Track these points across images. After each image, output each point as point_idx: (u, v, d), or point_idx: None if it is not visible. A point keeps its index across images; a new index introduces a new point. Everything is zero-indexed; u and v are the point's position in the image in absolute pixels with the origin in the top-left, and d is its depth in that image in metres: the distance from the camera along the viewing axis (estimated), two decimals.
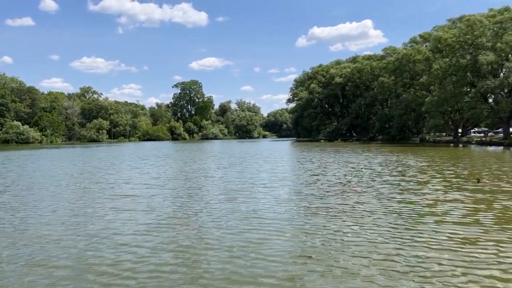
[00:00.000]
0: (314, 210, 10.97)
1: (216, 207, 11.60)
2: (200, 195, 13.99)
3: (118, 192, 14.63)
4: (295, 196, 13.29)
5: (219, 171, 22.59)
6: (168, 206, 11.91)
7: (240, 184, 16.38)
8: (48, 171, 23.85)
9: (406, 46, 70.21)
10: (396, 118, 71.43)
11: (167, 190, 15.22)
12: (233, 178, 18.68)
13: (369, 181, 16.55)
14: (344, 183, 16.26)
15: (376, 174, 19.36)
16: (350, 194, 13.43)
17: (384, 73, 76.54)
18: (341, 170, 21.57)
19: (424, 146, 52.74)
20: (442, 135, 78.33)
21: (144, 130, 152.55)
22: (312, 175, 19.25)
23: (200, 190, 15.12)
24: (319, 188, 14.98)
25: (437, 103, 52.37)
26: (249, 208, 11.29)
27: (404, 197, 12.63)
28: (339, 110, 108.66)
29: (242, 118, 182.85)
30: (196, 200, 12.86)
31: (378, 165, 24.46)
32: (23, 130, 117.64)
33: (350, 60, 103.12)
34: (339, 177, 18.09)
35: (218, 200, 12.80)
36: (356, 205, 11.39)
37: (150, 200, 12.97)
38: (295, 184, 16.25)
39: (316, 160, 29.30)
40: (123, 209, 11.47)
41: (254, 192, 14.27)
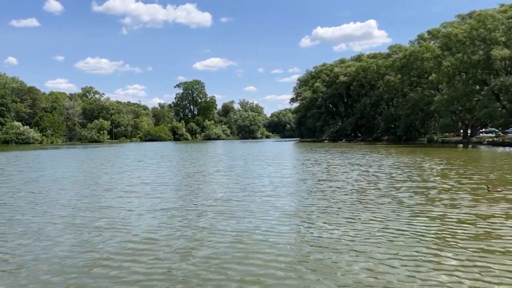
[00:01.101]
0: (329, 230, 8.90)
1: (203, 224, 9.56)
2: (187, 207, 11.94)
3: (95, 206, 12.64)
4: (303, 210, 11.17)
5: (217, 176, 20.56)
6: (142, 226, 9.86)
7: (238, 192, 14.33)
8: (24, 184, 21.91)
9: (413, 43, 67.87)
10: (403, 117, 69.13)
11: (149, 200, 13.19)
12: (231, 184, 16.64)
13: (389, 188, 14.46)
14: (358, 190, 14.17)
15: (393, 178, 17.25)
16: (371, 206, 11.33)
17: (391, 72, 74.24)
18: (352, 174, 19.47)
19: (433, 147, 50.55)
20: (449, 135, 76.08)
21: (146, 130, 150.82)
22: (321, 180, 17.17)
23: (190, 199, 13.07)
24: (332, 197, 12.90)
25: (447, 102, 50.08)
26: (244, 226, 9.23)
27: (441, 212, 10.50)
28: (343, 109, 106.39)
29: (245, 119, 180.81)
30: (181, 215, 10.81)
31: (391, 167, 22.36)
32: (23, 131, 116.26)
33: (355, 59, 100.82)
34: (351, 183, 16.01)
35: (208, 213, 10.75)
36: (385, 225, 9.29)
37: (123, 214, 10.94)
38: (302, 193, 14.14)
39: (322, 162, 27.20)
40: (87, 226, 9.46)
41: (253, 203, 12.16)
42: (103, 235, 8.52)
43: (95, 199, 13.17)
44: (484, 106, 47.22)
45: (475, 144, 54.10)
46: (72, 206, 11.95)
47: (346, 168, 22.88)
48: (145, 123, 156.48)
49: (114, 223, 9.62)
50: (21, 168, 26.19)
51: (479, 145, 51.65)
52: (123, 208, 11.51)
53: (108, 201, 12.88)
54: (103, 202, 12.69)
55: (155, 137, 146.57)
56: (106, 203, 12.52)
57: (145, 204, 12.12)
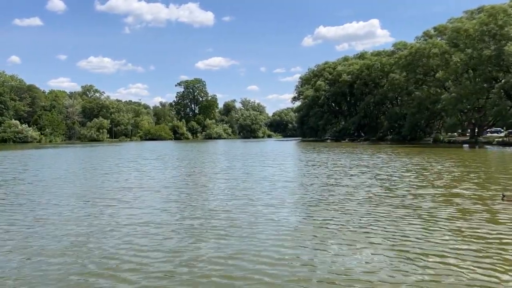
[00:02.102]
0: (345, 256, 7.05)
1: (187, 245, 7.72)
2: (169, 223, 10.10)
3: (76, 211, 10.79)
4: (311, 225, 9.31)
5: (212, 179, 18.71)
6: (106, 251, 8.02)
7: (233, 200, 12.47)
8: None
9: (419, 39, 65.81)
10: (408, 116, 67.12)
11: (124, 212, 11.35)
12: (226, 190, 14.78)
13: (409, 197, 12.57)
14: (373, 198, 12.26)
15: (409, 184, 15.35)
16: (393, 220, 9.46)
17: (395, 69, 72.22)
18: (362, 177, 17.57)
19: (440, 147, 48.57)
20: (455, 135, 74.09)
21: (146, 129, 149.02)
22: (328, 185, 15.29)
23: (174, 211, 11.22)
24: (343, 209, 11.01)
25: (455, 100, 48.04)
26: (237, 248, 7.39)
27: (486, 230, 8.65)
28: (346, 108, 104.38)
29: (246, 118, 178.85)
30: (158, 233, 8.98)
31: (404, 170, 20.46)
32: (22, 129, 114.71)
33: (358, 57, 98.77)
34: (363, 189, 14.13)
35: (194, 232, 8.91)
36: (419, 250, 7.43)
37: (85, 231, 9.11)
38: (308, 202, 12.20)
39: (327, 163, 25.29)
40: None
41: (250, 217, 10.26)
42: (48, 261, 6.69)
43: (54, 210, 11.32)
44: (494, 104, 45.18)
45: (483, 144, 52.18)
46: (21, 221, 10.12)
47: (354, 170, 21.00)
48: (145, 122, 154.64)
49: (72, 246, 7.79)
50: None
51: (487, 146, 49.69)
52: (86, 224, 9.67)
53: (71, 212, 11.04)
54: (65, 213, 10.84)
55: (155, 136, 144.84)
56: (67, 215, 10.67)
57: (117, 218, 10.27)
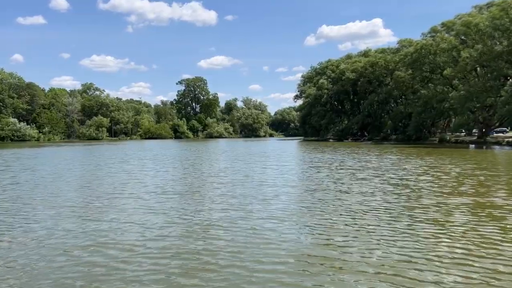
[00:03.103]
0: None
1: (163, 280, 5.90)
2: (142, 242, 8.27)
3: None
4: (319, 249, 7.47)
5: (206, 184, 16.86)
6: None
7: (227, 211, 10.61)
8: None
9: (425, 36, 63.74)
10: (413, 116, 65.08)
11: (94, 225, 9.53)
12: (220, 198, 12.92)
13: (438, 208, 10.69)
14: (393, 209, 10.40)
15: (431, 190, 13.45)
16: (427, 243, 7.60)
17: (401, 67, 70.20)
18: (373, 182, 15.67)
19: (448, 147, 46.60)
20: (461, 135, 72.13)
21: (146, 128, 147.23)
22: (336, 192, 13.40)
23: (156, 225, 9.39)
24: (358, 224, 9.15)
25: (465, 99, 46.02)
26: (227, 284, 5.56)
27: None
28: (349, 107, 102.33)
29: (248, 116, 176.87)
30: (131, 256, 7.15)
31: (417, 173, 18.54)
32: (20, 127, 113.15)
33: (362, 54, 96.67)
34: (377, 196, 12.27)
35: (174, 258, 7.08)
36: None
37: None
38: (320, 216, 10.28)
39: (332, 165, 23.39)
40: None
41: (245, 237, 8.43)
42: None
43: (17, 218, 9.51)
44: (506, 103, 43.16)
45: (492, 145, 50.28)
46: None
47: (363, 173, 19.11)
48: (145, 120, 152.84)
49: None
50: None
51: (495, 146, 47.76)
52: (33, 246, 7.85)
53: (24, 222, 9.22)
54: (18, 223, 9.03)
55: (155, 135, 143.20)
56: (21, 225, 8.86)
57: (73, 239, 8.45)
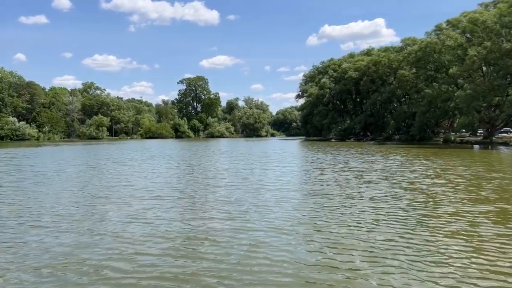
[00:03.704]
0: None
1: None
2: (119, 263, 7.09)
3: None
4: (330, 270, 6.27)
5: (200, 189, 15.71)
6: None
7: (220, 222, 9.44)
8: None
9: (429, 34, 62.39)
10: (418, 115, 63.71)
11: (61, 238, 8.35)
12: (215, 205, 11.75)
13: (455, 217, 9.50)
14: (410, 220, 9.20)
15: (446, 194, 12.24)
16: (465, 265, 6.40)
17: (405, 66, 68.86)
18: (382, 186, 14.48)
19: (453, 148, 45.30)
20: (465, 135, 70.81)
21: (147, 127, 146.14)
22: (344, 198, 12.21)
23: (134, 240, 8.22)
24: (374, 236, 7.95)
25: (471, 98, 44.73)
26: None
27: None
28: (352, 107, 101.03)
29: (249, 116, 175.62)
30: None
31: (428, 175, 17.33)
32: (19, 127, 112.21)
33: (365, 53, 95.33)
34: (390, 202, 11.08)
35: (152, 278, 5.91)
36: None
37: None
38: (327, 227, 9.09)
39: (336, 166, 22.18)
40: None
41: (240, 256, 7.26)
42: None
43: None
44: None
45: (499, 145, 48.99)
46: None
47: (369, 175, 17.89)
48: (146, 120, 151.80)
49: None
50: None
51: (501, 146, 46.46)
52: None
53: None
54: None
55: (156, 135, 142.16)
56: None
57: (37, 252, 7.29)
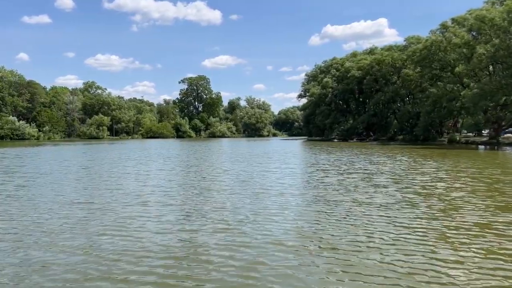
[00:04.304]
0: None
1: None
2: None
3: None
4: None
5: (193, 195, 14.51)
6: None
7: (213, 234, 8.25)
8: None
9: (434, 32, 61.09)
10: (422, 115, 62.41)
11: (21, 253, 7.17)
12: (208, 214, 10.57)
13: (478, 229, 8.29)
14: (432, 232, 7.99)
15: (468, 202, 11.00)
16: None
17: (409, 64, 67.60)
18: (394, 190, 13.28)
19: (459, 149, 43.96)
20: (470, 135, 69.48)
21: (148, 127, 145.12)
22: (354, 204, 10.98)
23: (97, 259, 7.03)
24: (393, 252, 6.74)
25: (479, 97, 43.43)
26: None
27: None
28: (354, 107, 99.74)
29: (251, 116, 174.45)
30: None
31: (442, 178, 16.09)
32: (19, 126, 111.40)
33: (368, 52, 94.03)
34: (406, 210, 9.87)
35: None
36: None
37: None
38: (336, 241, 7.95)
39: (341, 167, 20.95)
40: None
41: (237, 278, 6.07)
42: None
43: None
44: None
45: (506, 146, 47.73)
46: None
47: (378, 178, 16.65)
48: (147, 119, 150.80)
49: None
50: None
51: (508, 147, 45.16)
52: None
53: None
54: None
55: (157, 134, 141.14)
56: None
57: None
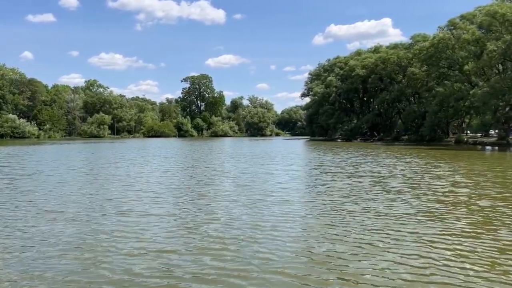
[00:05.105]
0: None
1: None
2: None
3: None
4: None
5: (184, 202, 13.02)
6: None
7: (202, 252, 6.77)
8: None
9: (442, 29, 59.33)
10: (428, 115, 60.66)
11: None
12: (190, 228, 9.09)
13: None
14: (469, 252, 6.46)
15: (506, 214, 9.48)
16: None
17: (415, 63, 65.86)
18: (411, 197, 11.74)
19: (468, 150, 42.27)
20: (477, 136, 67.75)
21: (149, 126, 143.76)
22: (368, 212, 9.48)
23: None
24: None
25: (489, 96, 41.75)
26: None
27: None
28: (359, 106, 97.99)
29: (253, 115, 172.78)
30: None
31: (460, 183, 14.52)
32: (19, 124, 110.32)
33: (372, 51, 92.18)
34: (438, 226, 8.35)
35: None
36: None
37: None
38: (351, 260, 6.39)
39: (347, 170, 19.41)
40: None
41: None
42: None
43: None
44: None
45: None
46: None
47: (391, 182, 15.10)
48: (149, 118, 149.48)
49: None
50: None
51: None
52: None
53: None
54: None
55: (159, 133, 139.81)
56: None
57: None
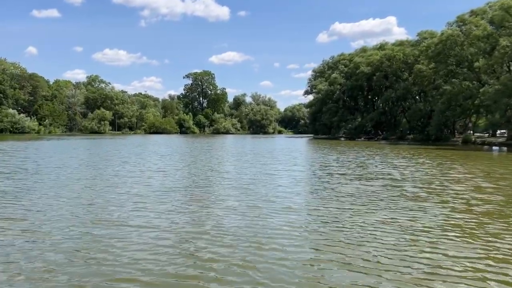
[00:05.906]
0: None
1: None
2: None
3: None
4: None
5: (171, 211, 11.56)
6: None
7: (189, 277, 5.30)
8: None
9: (451, 25, 57.52)
10: (436, 114, 58.87)
11: None
12: (186, 244, 7.62)
13: None
14: None
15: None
16: None
17: (422, 60, 64.07)
18: (432, 205, 10.22)
19: (477, 150, 40.66)
20: (484, 136, 66.05)
21: (151, 122, 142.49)
22: (391, 227, 7.98)
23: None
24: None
25: (501, 94, 40.09)
26: None
27: None
28: (363, 104, 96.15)
29: (256, 113, 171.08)
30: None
31: (484, 188, 12.99)
32: (19, 119, 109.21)
33: (378, 48, 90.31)
34: (472, 244, 6.84)
35: None
36: None
37: None
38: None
39: (354, 169, 17.88)
40: None
41: None
42: None
43: None
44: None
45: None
46: None
47: (405, 186, 13.59)
48: (150, 114, 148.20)
49: None
50: None
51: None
52: None
53: None
54: None
55: (160, 130, 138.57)
56: None
57: None
